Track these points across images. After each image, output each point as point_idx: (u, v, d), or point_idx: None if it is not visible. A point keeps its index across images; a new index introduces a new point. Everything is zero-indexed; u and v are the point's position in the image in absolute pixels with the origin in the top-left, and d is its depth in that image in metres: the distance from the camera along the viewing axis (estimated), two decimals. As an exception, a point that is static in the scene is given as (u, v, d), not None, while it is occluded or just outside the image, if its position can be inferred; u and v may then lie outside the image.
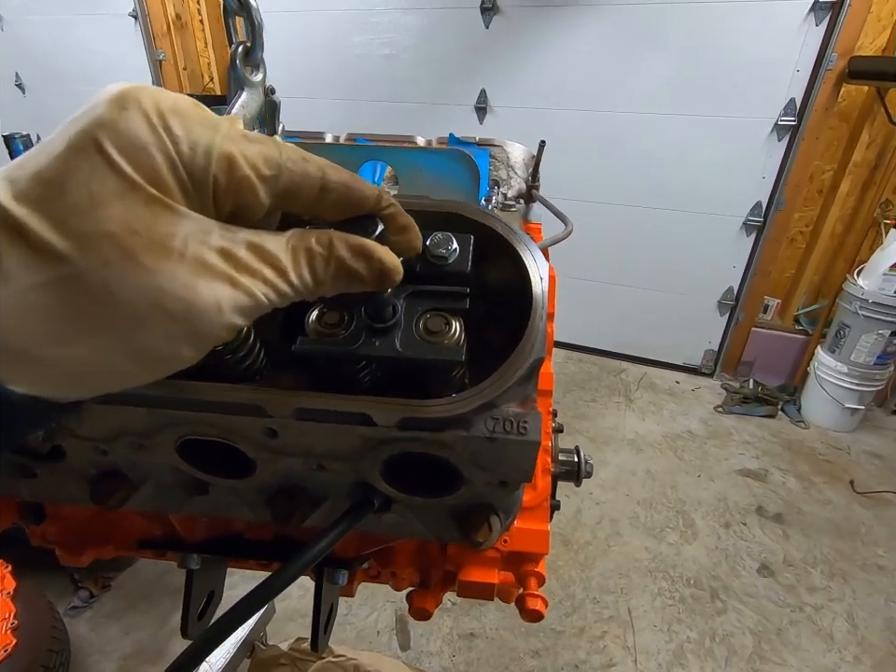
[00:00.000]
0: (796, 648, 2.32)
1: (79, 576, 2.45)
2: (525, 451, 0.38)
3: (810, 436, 3.64)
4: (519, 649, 2.29)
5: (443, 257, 0.38)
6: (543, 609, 0.51)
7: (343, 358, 0.36)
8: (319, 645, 0.58)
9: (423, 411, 0.36)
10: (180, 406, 0.39)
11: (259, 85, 0.64)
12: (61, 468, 0.47)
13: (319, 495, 0.47)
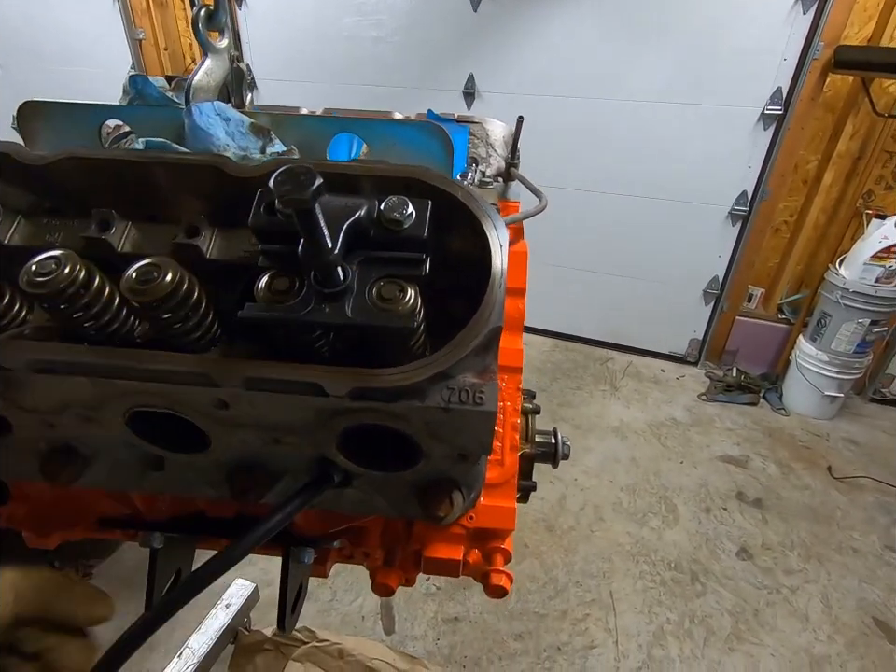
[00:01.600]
0: (772, 628, 2.37)
1: (59, 563, 2.42)
2: (482, 421, 0.37)
3: (790, 423, 3.71)
4: (502, 632, 2.31)
5: (398, 221, 0.36)
6: (508, 586, 0.51)
7: (291, 325, 0.35)
8: (287, 625, 0.57)
9: (375, 380, 0.35)
10: (124, 375, 0.37)
11: (223, 51, 0.62)
12: (8, 441, 0.45)
13: (279, 470, 0.46)
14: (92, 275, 0.38)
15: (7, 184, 0.43)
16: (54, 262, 0.36)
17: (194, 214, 0.43)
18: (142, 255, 0.42)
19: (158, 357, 0.36)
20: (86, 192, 0.43)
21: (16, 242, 0.43)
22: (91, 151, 0.42)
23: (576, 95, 3.78)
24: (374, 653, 2.07)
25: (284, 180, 0.29)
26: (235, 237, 0.43)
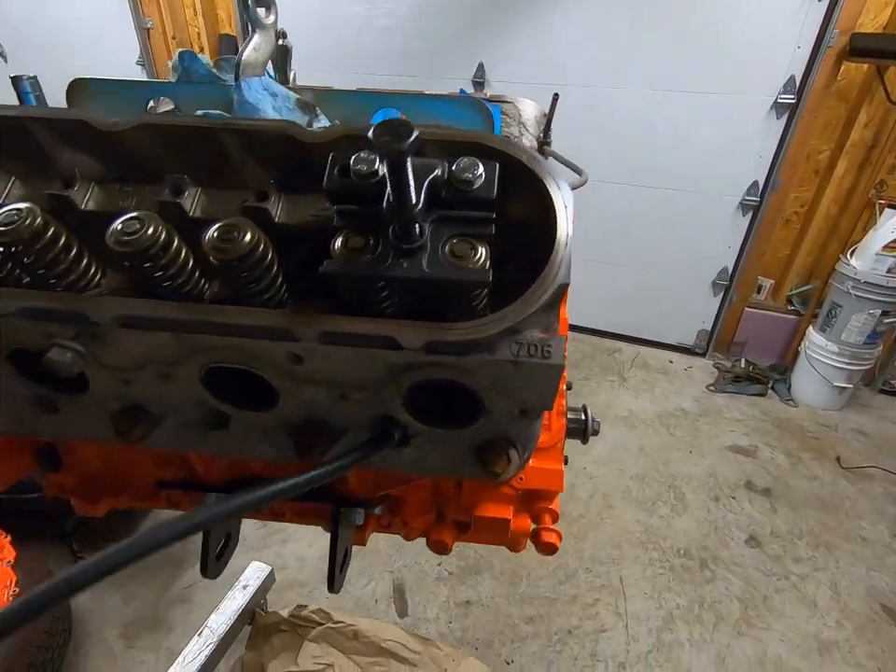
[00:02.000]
0: (781, 614, 2.40)
1: (78, 546, 2.47)
2: (549, 374, 0.39)
3: (799, 414, 3.72)
4: (514, 615, 2.35)
5: (469, 181, 0.38)
6: (557, 542, 0.53)
7: (371, 279, 0.37)
8: (336, 585, 0.59)
9: (448, 333, 0.37)
10: (207, 329, 0.39)
11: (270, 27, 0.63)
12: (83, 400, 0.47)
13: (341, 428, 0.48)
14: (172, 236, 0.40)
15: (82, 151, 0.45)
16: (138, 223, 0.38)
17: (263, 179, 0.45)
18: (213, 219, 0.43)
19: (241, 311, 0.38)
20: (158, 159, 0.45)
21: (91, 207, 0.45)
22: (164, 118, 0.43)
23: (585, 84, 3.76)
24: (388, 635, 2.11)
25: (383, 132, 0.30)
26: (301, 202, 0.45)
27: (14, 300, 0.39)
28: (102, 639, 2.17)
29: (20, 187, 0.46)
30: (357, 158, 0.37)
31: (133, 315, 0.38)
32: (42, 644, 1.82)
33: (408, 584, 2.45)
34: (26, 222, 0.38)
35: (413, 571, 2.50)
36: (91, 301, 0.39)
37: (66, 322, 0.39)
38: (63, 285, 0.42)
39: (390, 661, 2.04)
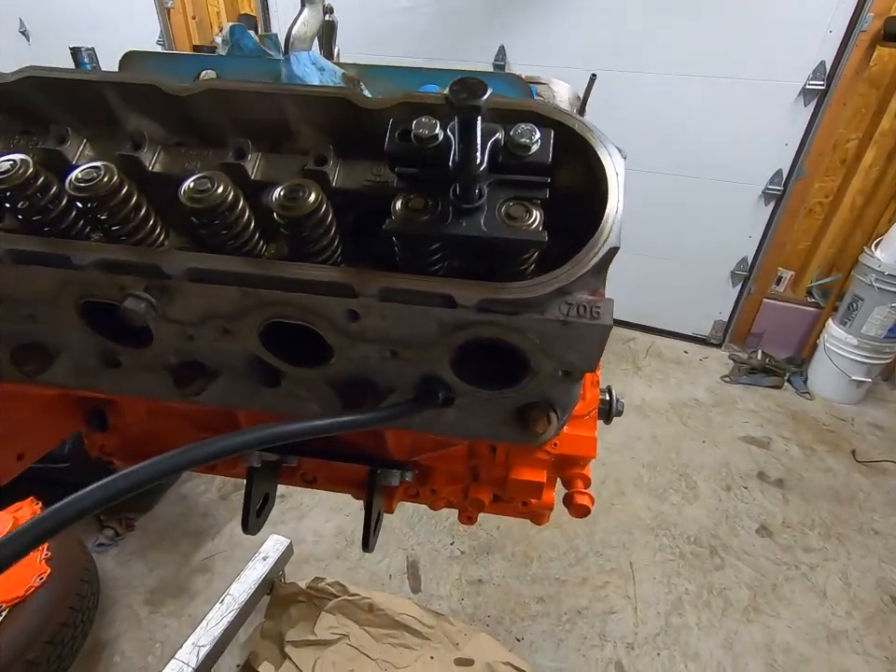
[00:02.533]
0: (790, 602, 2.42)
1: (104, 516, 2.55)
2: (597, 335, 0.40)
3: (815, 407, 3.69)
4: (524, 595, 2.39)
5: (526, 146, 0.39)
6: (590, 505, 0.55)
7: (432, 237, 0.38)
8: (370, 544, 0.62)
9: (502, 292, 0.39)
10: (272, 284, 0.41)
11: (319, 2, 0.64)
12: (145, 354, 0.50)
13: (387, 387, 0.50)
14: (238, 195, 0.42)
15: (151, 115, 0.47)
16: (209, 181, 0.40)
17: (321, 143, 0.46)
18: (273, 182, 0.45)
19: (304, 267, 0.40)
20: (222, 123, 0.47)
21: (158, 169, 0.47)
22: (230, 83, 0.45)
23: (606, 68, 3.69)
24: (402, 609, 2.17)
25: (459, 89, 0.32)
26: (357, 167, 0.47)
27: (92, 252, 0.41)
28: (127, 605, 2.25)
29: (91, 148, 0.48)
30: (419, 122, 0.39)
31: (204, 268, 0.41)
32: (74, 605, 1.90)
33: (421, 561, 2.50)
34: (104, 179, 0.41)
35: (426, 549, 2.56)
36: (164, 255, 0.41)
37: (140, 274, 0.42)
38: (133, 241, 0.44)
39: (404, 633, 2.10)
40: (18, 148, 0.47)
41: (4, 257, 0.42)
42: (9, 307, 0.48)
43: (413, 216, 0.39)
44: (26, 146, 0.48)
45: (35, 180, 0.42)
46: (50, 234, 0.45)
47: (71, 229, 0.46)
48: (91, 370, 0.54)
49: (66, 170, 0.44)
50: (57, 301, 0.46)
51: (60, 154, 0.46)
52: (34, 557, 1.92)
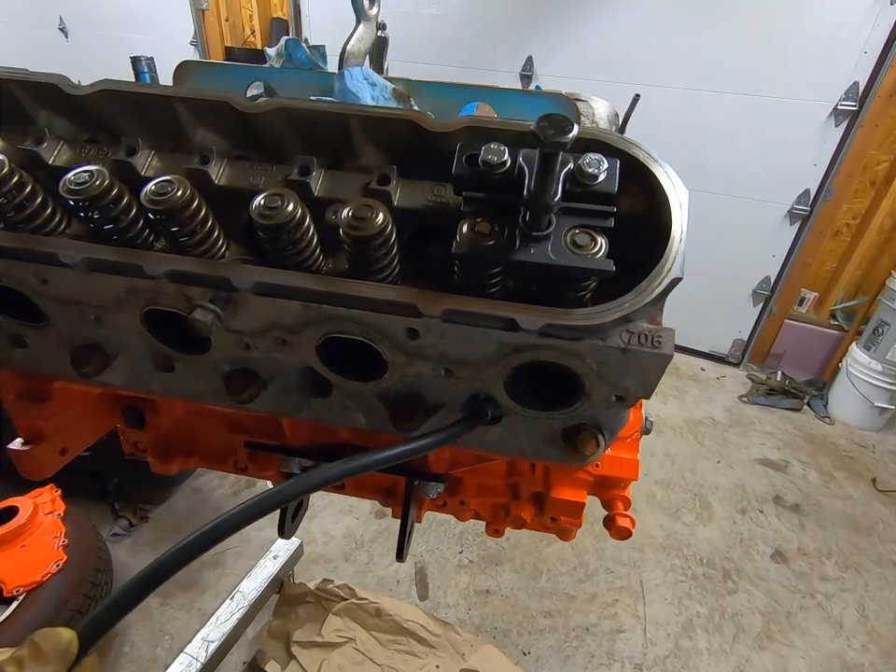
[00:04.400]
0: (804, 631, 2.37)
1: (120, 506, 2.59)
2: (657, 363, 0.40)
3: (835, 432, 3.62)
4: (532, 608, 2.37)
5: (594, 176, 0.40)
6: (631, 528, 0.55)
7: (499, 262, 0.39)
8: (404, 554, 0.63)
9: (566, 318, 0.39)
10: (336, 301, 0.42)
11: (373, 19, 0.65)
12: (200, 361, 0.51)
13: (436, 403, 0.50)
14: (305, 213, 0.43)
15: (218, 130, 0.48)
16: (279, 199, 0.41)
17: (382, 163, 0.47)
18: (336, 199, 0.46)
19: (371, 286, 0.41)
20: (288, 140, 0.48)
21: (223, 183, 0.49)
22: (298, 102, 0.46)
23: (634, 82, 3.69)
24: (409, 615, 2.16)
25: (547, 125, 0.33)
26: (417, 188, 0.47)
27: (164, 263, 0.43)
28: (139, 595, 2.28)
29: (158, 159, 0.49)
30: (488, 148, 0.39)
31: (271, 283, 0.42)
32: (88, 593, 1.92)
33: (430, 569, 2.50)
34: (178, 193, 0.42)
35: (434, 556, 2.55)
36: (233, 268, 0.42)
37: (209, 286, 0.43)
38: (196, 253, 0.46)
39: (410, 640, 2.10)
40: (89, 158, 0.49)
41: (78, 264, 0.43)
42: (77, 310, 0.49)
43: (479, 239, 0.40)
44: (96, 155, 0.49)
45: (110, 191, 0.43)
46: (118, 242, 0.46)
47: (138, 237, 0.47)
48: (145, 373, 0.55)
49: (135, 180, 0.45)
50: (122, 307, 0.47)
51: (130, 165, 0.47)
52: (51, 544, 1.95)
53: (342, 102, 0.60)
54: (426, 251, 0.49)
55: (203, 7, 4.88)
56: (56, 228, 0.49)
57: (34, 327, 0.52)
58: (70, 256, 0.43)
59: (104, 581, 2.06)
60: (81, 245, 0.44)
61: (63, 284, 0.46)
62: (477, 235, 0.40)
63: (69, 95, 0.48)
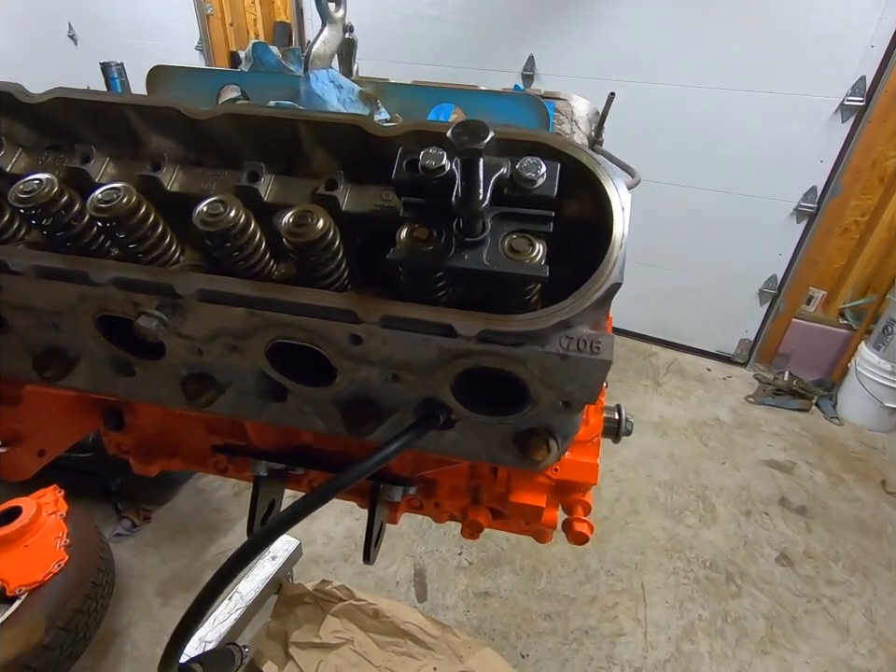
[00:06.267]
0: (809, 636, 2.33)
1: (123, 506, 2.63)
2: (597, 370, 0.40)
3: (843, 433, 3.56)
4: (532, 610, 2.36)
5: (531, 180, 0.39)
6: (589, 533, 0.54)
7: (433, 268, 0.39)
8: (371, 557, 0.63)
9: (503, 324, 0.39)
10: (278, 307, 0.42)
11: (339, 21, 0.65)
12: (158, 366, 0.51)
13: (389, 408, 0.50)
14: (250, 219, 0.43)
15: (170, 136, 0.49)
16: (222, 205, 0.42)
17: (332, 168, 0.47)
18: (285, 205, 0.46)
19: (310, 293, 0.41)
20: (237, 146, 0.48)
21: (175, 189, 0.49)
22: (246, 108, 0.46)
23: (638, 80, 3.66)
24: (407, 617, 2.16)
25: (462, 132, 0.32)
26: (366, 192, 0.47)
27: (109, 270, 0.43)
28: (141, 595, 2.31)
29: (113, 166, 0.50)
30: (427, 153, 0.39)
31: (214, 290, 0.42)
32: (88, 594, 1.95)
33: (429, 570, 2.50)
34: (123, 200, 0.42)
35: (433, 558, 2.55)
36: (177, 275, 0.42)
37: (153, 293, 0.43)
38: (148, 259, 0.46)
39: (408, 642, 2.10)
40: (45, 165, 0.50)
41: (27, 271, 0.44)
42: (33, 316, 0.50)
43: (417, 245, 0.39)
44: (53, 163, 0.50)
45: (59, 199, 0.44)
46: (73, 249, 0.47)
47: (92, 244, 0.48)
48: (108, 376, 0.56)
49: (89, 188, 0.46)
50: (76, 313, 0.48)
51: (84, 173, 0.48)
52: (53, 544, 1.98)
53: (290, 107, 0.61)
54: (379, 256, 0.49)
55: (208, 13, 4.93)
56: (15, 235, 0.50)
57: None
58: (19, 263, 0.44)
59: (105, 582, 2.09)
60: (29, 252, 0.45)
61: (16, 290, 0.47)
62: (415, 241, 0.39)
63: (24, 104, 0.48)
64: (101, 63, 2.88)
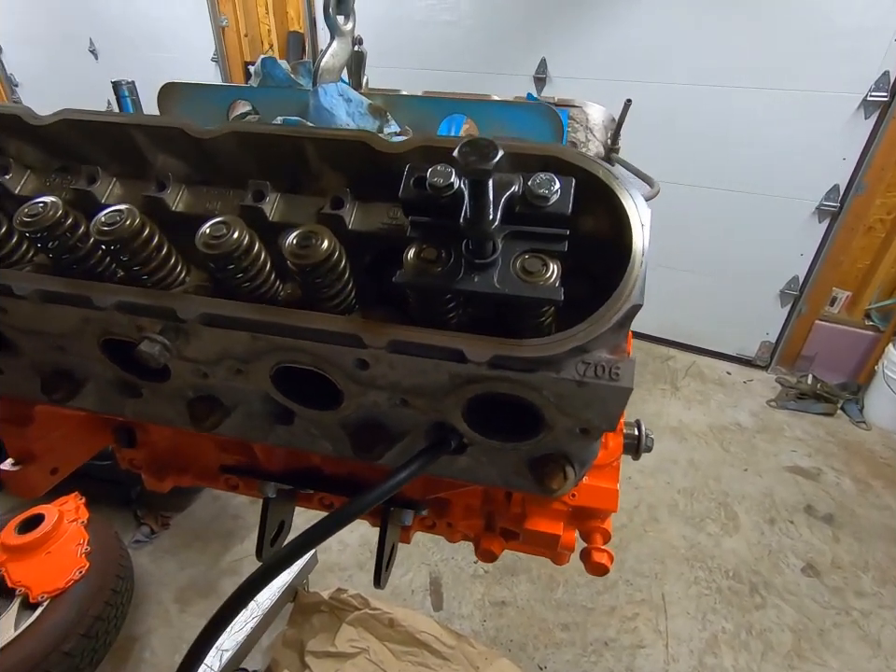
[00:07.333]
0: (839, 650, 2.24)
1: (142, 513, 2.66)
2: (616, 397, 0.38)
3: (871, 437, 3.44)
4: (549, 621, 2.32)
5: (544, 198, 0.37)
6: (609, 564, 0.52)
7: (441, 291, 0.37)
8: (381, 581, 0.61)
9: (516, 349, 0.37)
10: (281, 332, 0.41)
11: (348, 34, 0.64)
12: (164, 388, 0.50)
13: (398, 432, 0.49)
14: (253, 240, 0.42)
15: (176, 156, 0.48)
16: (225, 227, 0.40)
17: (338, 185, 0.46)
18: (290, 224, 0.45)
19: (314, 317, 0.40)
20: (243, 164, 0.47)
21: (181, 209, 0.48)
22: (250, 126, 0.45)
23: (652, 80, 3.61)
24: (423, 626, 2.14)
25: (469, 151, 0.31)
26: (373, 209, 0.46)
27: (112, 294, 0.42)
28: (159, 602, 2.33)
29: (119, 187, 0.49)
30: (434, 171, 0.38)
31: (216, 314, 0.41)
32: (108, 600, 1.97)
33: (444, 579, 2.48)
34: (126, 223, 0.41)
35: (449, 566, 2.53)
36: (179, 299, 0.41)
37: (156, 317, 0.42)
38: (154, 280, 0.45)
39: (423, 652, 2.07)
40: (53, 187, 0.49)
41: (31, 295, 0.43)
42: (40, 339, 0.49)
43: (424, 266, 0.38)
44: (61, 184, 0.50)
45: (64, 222, 0.43)
46: (79, 271, 0.46)
47: (98, 266, 0.47)
48: (115, 398, 0.55)
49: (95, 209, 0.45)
50: (81, 336, 0.47)
51: (90, 194, 0.47)
52: (74, 551, 2.01)
53: (297, 123, 0.60)
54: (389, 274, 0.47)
55: (223, 25, 5.01)
56: (23, 257, 0.50)
57: (5, 354, 0.53)
58: (23, 287, 0.43)
59: (124, 588, 2.11)
60: (32, 276, 0.44)
61: (22, 314, 0.47)
62: (422, 262, 0.38)
63: (32, 126, 0.48)
64: (112, 82, 2.95)
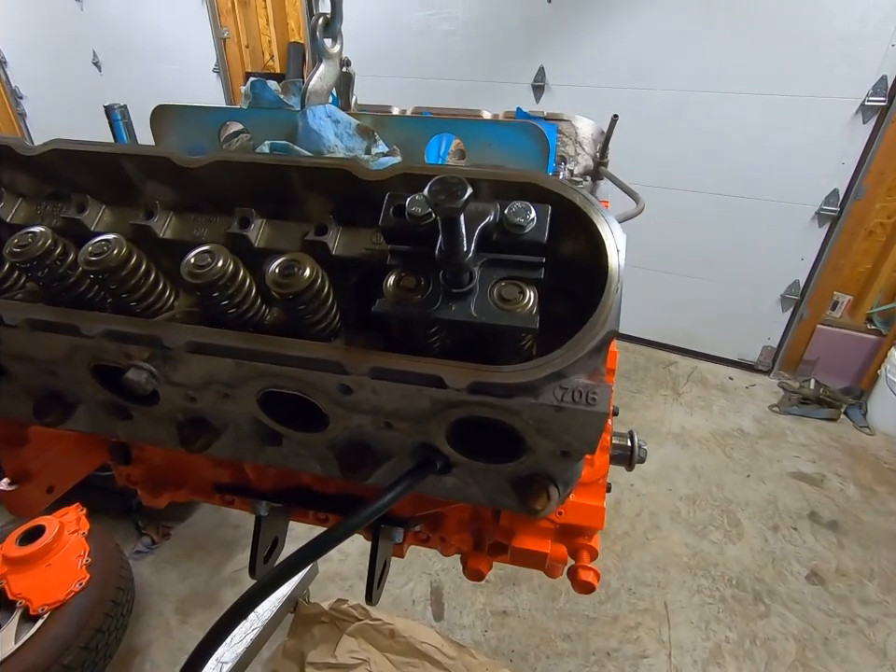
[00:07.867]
0: (844, 659, 2.22)
1: (143, 524, 2.66)
2: (593, 421, 0.38)
3: (875, 443, 3.42)
4: (551, 630, 2.31)
5: (521, 226, 0.38)
6: (595, 582, 0.52)
7: (420, 320, 0.38)
8: (373, 598, 0.61)
9: (493, 376, 0.37)
10: (265, 359, 0.41)
11: (336, 57, 0.65)
12: (154, 411, 0.51)
13: (385, 453, 0.49)
14: (238, 268, 0.43)
15: (164, 184, 0.49)
16: (209, 256, 0.41)
17: (322, 212, 0.47)
18: (276, 250, 0.46)
19: (296, 344, 0.40)
20: (229, 191, 0.48)
21: (168, 236, 0.49)
22: (236, 155, 0.46)
23: (650, 87, 3.63)
24: (423, 637, 2.13)
25: (439, 189, 0.31)
26: (357, 235, 0.47)
27: (99, 323, 0.43)
28: (160, 613, 2.32)
29: (109, 214, 0.50)
30: (413, 200, 0.38)
31: (201, 342, 0.41)
32: (109, 612, 1.97)
33: (445, 588, 2.47)
34: (113, 252, 0.42)
35: (450, 575, 2.52)
36: (165, 328, 0.42)
37: (143, 344, 0.43)
38: (143, 307, 0.46)
39: (424, 663, 2.07)
40: (44, 215, 0.50)
41: (21, 324, 0.44)
42: (31, 364, 0.50)
43: (404, 295, 0.38)
44: (52, 212, 0.51)
45: (53, 251, 0.44)
46: (68, 298, 0.47)
47: (88, 293, 0.48)
48: (107, 420, 0.56)
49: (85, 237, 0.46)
50: (71, 363, 0.48)
51: (79, 222, 0.48)
52: (75, 562, 2.01)
53: (284, 148, 0.61)
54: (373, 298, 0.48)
55: (224, 36, 5.06)
56: (14, 284, 0.50)
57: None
58: (13, 317, 0.44)
59: (125, 600, 2.11)
60: (21, 305, 0.45)
61: (13, 341, 0.47)
62: (402, 290, 0.38)
63: (23, 156, 0.49)
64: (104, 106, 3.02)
